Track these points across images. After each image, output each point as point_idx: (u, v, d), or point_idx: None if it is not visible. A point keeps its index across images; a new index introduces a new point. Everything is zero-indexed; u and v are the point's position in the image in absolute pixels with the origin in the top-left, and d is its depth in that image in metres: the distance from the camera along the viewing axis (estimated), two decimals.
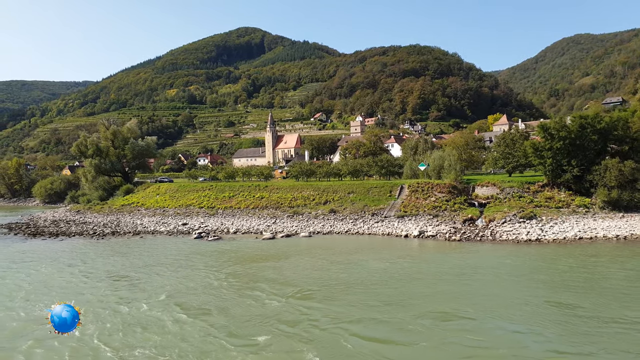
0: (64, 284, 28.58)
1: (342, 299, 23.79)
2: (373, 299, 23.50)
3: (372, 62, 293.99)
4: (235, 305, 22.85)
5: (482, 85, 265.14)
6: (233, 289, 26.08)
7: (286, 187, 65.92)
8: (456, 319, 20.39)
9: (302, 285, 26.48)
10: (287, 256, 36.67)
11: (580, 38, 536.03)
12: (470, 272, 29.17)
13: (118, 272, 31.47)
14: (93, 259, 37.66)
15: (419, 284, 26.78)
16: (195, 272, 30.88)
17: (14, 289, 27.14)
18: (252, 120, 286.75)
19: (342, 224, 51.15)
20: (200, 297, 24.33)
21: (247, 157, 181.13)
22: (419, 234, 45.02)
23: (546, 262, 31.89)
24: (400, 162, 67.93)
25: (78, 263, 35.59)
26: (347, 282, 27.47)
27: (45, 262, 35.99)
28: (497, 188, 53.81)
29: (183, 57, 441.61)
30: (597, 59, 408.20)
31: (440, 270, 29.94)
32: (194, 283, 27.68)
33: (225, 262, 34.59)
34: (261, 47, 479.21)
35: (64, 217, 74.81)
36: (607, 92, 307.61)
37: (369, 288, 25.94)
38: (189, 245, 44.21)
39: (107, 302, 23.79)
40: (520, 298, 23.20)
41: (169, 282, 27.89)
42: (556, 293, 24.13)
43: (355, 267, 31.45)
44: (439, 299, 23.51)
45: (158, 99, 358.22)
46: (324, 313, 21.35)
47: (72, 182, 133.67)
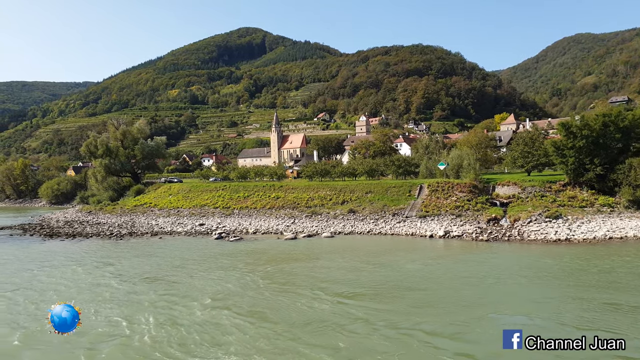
0: (103, 285, 27.99)
1: (394, 301, 23.26)
2: (426, 302, 23.00)
3: (375, 62, 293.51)
4: (286, 307, 22.32)
5: (485, 85, 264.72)
6: (275, 291, 25.56)
7: (301, 187, 65.42)
8: (531, 324, 19.60)
9: (345, 287, 25.97)
10: (316, 257, 36.13)
11: (581, 37, 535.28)
12: (516, 273, 28.61)
13: (151, 274, 30.95)
14: (119, 260, 37.10)
15: (467, 286, 26.18)
16: (229, 273, 30.34)
17: (61, 291, 26.57)
18: (255, 121, 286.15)
19: (363, 224, 50.64)
20: (246, 299, 23.80)
21: (252, 157, 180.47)
22: (444, 234, 44.52)
23: (586, 261, 31.37)
24: (416, 161, 67.33)
25: (106, 264, 35.06)
26: (389, 283, 26.96)
27: (74, 263, 35.47)
28: (519, 187, 53.30)
29: (184, 57, 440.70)
30: (598, 58, 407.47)
31: (484, 271, 29.41)
32: (232, 285, 27.15)
33: (255, 263, 34.06)
34: (262, 47, 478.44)
35: (76, 218, 74.29)
36: (610, 92, 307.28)
37: (414, 290, 25.46)
38: (212, 246, 43.68)
39: (158, 307, 23.10)
40: (580, 299, 22.70)
41: (206, 284, 27.35)
42: (612, 294, 23.62)
43: (389, 269, 30.93)
44: (500, 302, 23.02)
45: (160, 99, 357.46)
46: (382, 316, 20.73)
47: (78, 182, 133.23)
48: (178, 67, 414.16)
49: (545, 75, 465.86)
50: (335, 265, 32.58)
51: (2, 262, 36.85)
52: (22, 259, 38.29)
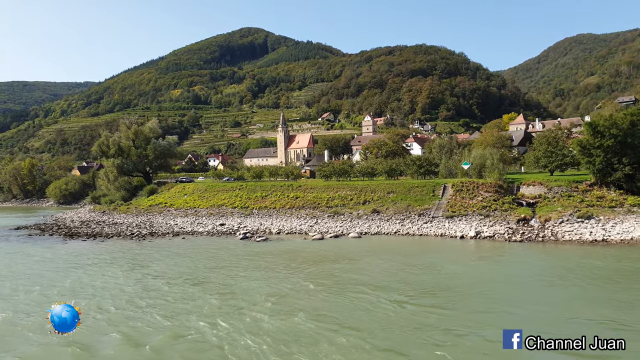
0: (152, 289, 27.00)
1: (457, 304, 22.54)
2: (493, 304, 22.35)
3: (379, 62, 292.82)
4: (353, 310, 21.58)
5: (490, 85, 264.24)
6: (330, 292, 24.85)
7: (320, 186, 64.80)
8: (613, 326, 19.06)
9: (399, 290, 25.29)
10: (352, 258, 35.50)
11: (583, 38, 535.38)
12: (569, 274, 27.93)
13: (192, 275, 30.33)
14: (152, 261, 36.47)
15: (522, 287, 25.54)
16: (271, 275, 29.72)
17: (117, 295, 25.85)
18: (259, 121, 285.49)
19: (389, 224, 50.02)
20: (305, 302, 23.12)
21: (258, 157, 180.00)
22: (475, 235, 43.92)
23: (636, 262, 30.78)
24: (436, 161, 66.73)
25: (141, 265, 34.43)
26: (441, 285, 26.33)
27: (107, 264, 34.86)
28: (545, 187, 52.68)
29: (186, 57, 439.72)
30: (601, 58, 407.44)
31: (532, 272, 28.85)
32: (283, 286, 26.47)
33: (292, 264, 33.43)
34: (264, 47, 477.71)
35: (91, 217, 73.68)
36: (613, 92, 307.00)
37: (471, 293, 24.74)
38: (240, 246, 43.04)
39: (223, 312, 22.03)
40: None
41: (256, 286, 26.64)
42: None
43: (433, 270, 30.30)
44: (572, 303, 22.37)
45: (162, 99, 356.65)
46: (459, 320, 20.04)
47: (86, 182, 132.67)
48: (180, 67, 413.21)
49: (548, 76, 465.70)
50: (376, 266, 31.93)
51: (35, 263, 36.03)
52: (54, 260, 37.60)
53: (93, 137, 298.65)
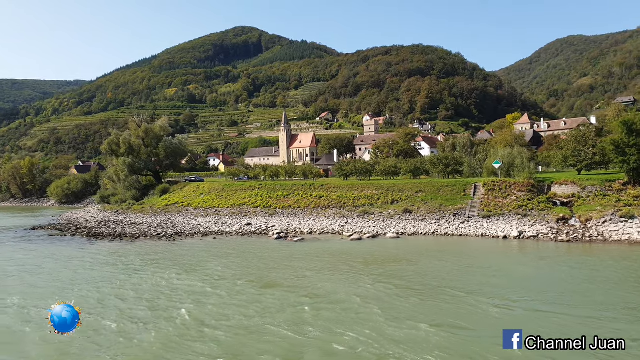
0: (232, 294, 25.58)
1: (575, 307, 21.63)
2: (602, 308, 21.47)
3: (376, 62, 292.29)
4: (468, 316, 20.58)
5: (487, 85, 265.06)
6: (422, 296, 23.73)
7: (343, 186, 63.78)
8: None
9: (489, 293, 24.30)
10: (409, 258, 34.65)
11: (573, 39, 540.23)
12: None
13: (255, 276, 29.31)
14: (199, 261, 35.31)
15: (620, 289, 24.65)
16: (341, 276, 28.93)
17: (186, 300, 24.53)
18: (256, 120, 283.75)
19: (425, 224, 49.14)
20: (409, 306, 21.97)
21: (260, 157, 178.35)
22: (518, 235, 43.19)
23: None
24: (463, 160, 65.97)
25: (191, 267, 33.14)
26: (525, 287, 25.42)
27: (155, 266, 33.60)
28: (578, 186, 52.08)
29: (180, 56, 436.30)
30: (593, 60, 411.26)
31: (614, 274, 27.95)
32: (365, 288, 25.43)
33: (350, 264, 32.48)
34: (259, 46, 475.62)
35: (105, 217, 71.97)
36: (606, 93, 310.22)
37: (567, 293, 23.74)
38: (280, 247, 41.93)
39: (343, 320, 20.66)
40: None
41: (332, 287, 25.58)
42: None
43: (501, 271, 29.43)
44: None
45: (157, 98, 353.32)
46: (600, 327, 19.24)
47: (89, 181, 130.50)
48: (174, 66, 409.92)
49: (540, 77, 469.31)
50: (441, 268, 30.99)
51: (84, 265, 34.37)
52: (91, 262, 36.15)
53: (88, 136, 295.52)
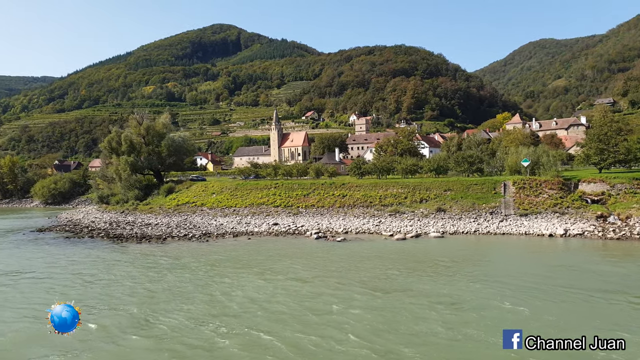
0: (340, 301, 23.76)
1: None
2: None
3: (360, 62, 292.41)
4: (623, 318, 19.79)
5: (469, 86, 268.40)
6: (547, 297, 22.80)
7: (366, 184, 62.76)
8: None
9: (616, 291, 23.68)
10: (477, 258, 34.16)
11: (545, 42, 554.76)
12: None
13: (337, 278, 27.83)
14: (258, 262, 33.70)
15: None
16: (437, 277, 27.80)
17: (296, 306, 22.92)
18: (239, 118, 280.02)
19: (464, 223, 48.53)
20: (554, 311, 21.03)
21: (249, 156, 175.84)
22: (563, 233, 42.97)
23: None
24: (486, 158, 65.85)
25: (260, 270, 31.48)
26: None
27: (226, 268, 31.86)
28: (607, 184, 52.35)
29: (157, 53, 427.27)
30: (565, 62, 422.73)
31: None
32: (476, 291, 24.38)
33: (423, 265, 31.44)
34: (237, 44, 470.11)
35: (113, 218, 69.18)
36: (580, 94, 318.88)
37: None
38: (330, 247, 40.63)
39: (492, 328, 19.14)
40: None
41: (448, 290, 24.54)
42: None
43: (586, 271, 28.66)
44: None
45: (134, 95, 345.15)
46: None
47: (76, 181, 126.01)
48: (151, 63, 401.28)
49: (515, 78, 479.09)
50: (522, 267, 30.48)
51: (138, 272, 31.92)
52: (149, 266, 33.69)
53: (63, 134, 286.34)
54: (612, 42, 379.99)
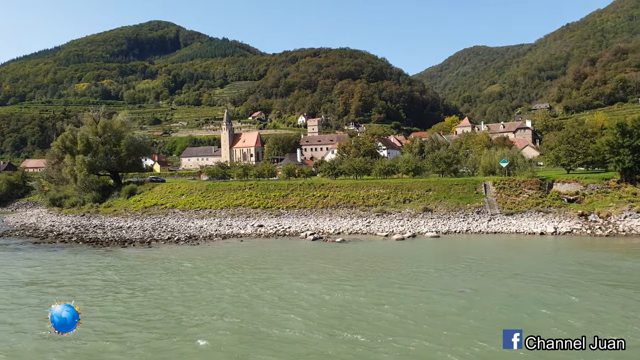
0: (414, 298, 23.14)
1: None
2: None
3: (306, 63, 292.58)
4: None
5: (413, 90, 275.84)
6: (610, 298, 23.08)
7: (346, 185, 62.32)
8: None
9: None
10: (492, 256, 34.22)
11: (479, 49, 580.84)
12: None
13: (375, 280, 26.96)
14: (275, 265, 32.06)
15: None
16: (479, 276, 27.51)
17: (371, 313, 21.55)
18: (181, 118, 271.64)
19: (454, 223, 49.19)
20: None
21: (198, 157, 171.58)
22: (554, 231, 44.55)
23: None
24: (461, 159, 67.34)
25: (292, 269, 30.21)
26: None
27: (255, 270, 29.99)
28: (580, 184, 54.97)
29: (90, 48, 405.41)
30: (498, 69, 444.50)
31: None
32: (526, 289, 24.30)
33: (449, 263, 31.27)
34: (176, 42, 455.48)
35: (75, 222, 64.38)
36: (514, 100, 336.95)
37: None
38: (333, 248, 39.69)
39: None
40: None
41: (514, 290, 24.37)
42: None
43: (615, 268, 29.58)
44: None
45: (66, 92, 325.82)
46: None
47: (15, 183, 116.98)
48: (84, 59, 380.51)
49: (452, 83, 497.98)
50: (545, 264, 30.76)
51: (167, 280, 28.78)
52: (172, 271, 30.93)
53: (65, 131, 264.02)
54: (540, 51, 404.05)
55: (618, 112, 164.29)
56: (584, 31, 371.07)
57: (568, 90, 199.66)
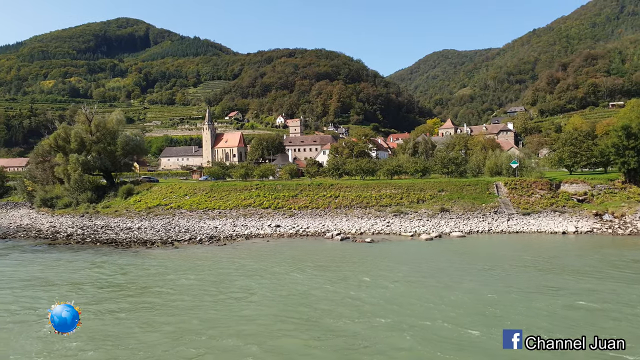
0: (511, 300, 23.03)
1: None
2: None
3: (282, 63, 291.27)
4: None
5: (389, 92, 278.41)
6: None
7: (357, 185, 62.28)
8: None
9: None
10: (538, 255, 34.73)
11: (448, 53, 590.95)
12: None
13: (445, 283, 26.90)
14: (325, 267, 31.61)
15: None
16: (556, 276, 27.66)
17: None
18: (154, 117, 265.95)
19: (474, 222, 49.68)
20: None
21: (178, 157, 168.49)
22: (575, 230, 45.55)
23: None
24: None
25: (364, 270, 30.01)
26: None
27: (307, 274, 29.45)
28: (588, 185, 56.57)
29: (55, 44, 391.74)
30: (469, 72, 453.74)
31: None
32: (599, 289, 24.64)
33: (504, 264, 31.52)
34: (146, 40, 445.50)
35: (76, 223, 61.98)
36: (484, 103, 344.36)
37: None
38: (368, 249, 39.49)
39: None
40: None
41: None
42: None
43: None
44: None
45: (31, 90, 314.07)
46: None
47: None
48: (49, 56, 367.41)
49: (422, 86, 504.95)
50: (597, 262, 31.42)
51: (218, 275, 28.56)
52: (242, 273, 30.25)
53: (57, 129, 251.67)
54: (509, 55, 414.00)
55: (590, 116, 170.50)
56: (550, 37, 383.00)
57: (542, 94, 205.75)
